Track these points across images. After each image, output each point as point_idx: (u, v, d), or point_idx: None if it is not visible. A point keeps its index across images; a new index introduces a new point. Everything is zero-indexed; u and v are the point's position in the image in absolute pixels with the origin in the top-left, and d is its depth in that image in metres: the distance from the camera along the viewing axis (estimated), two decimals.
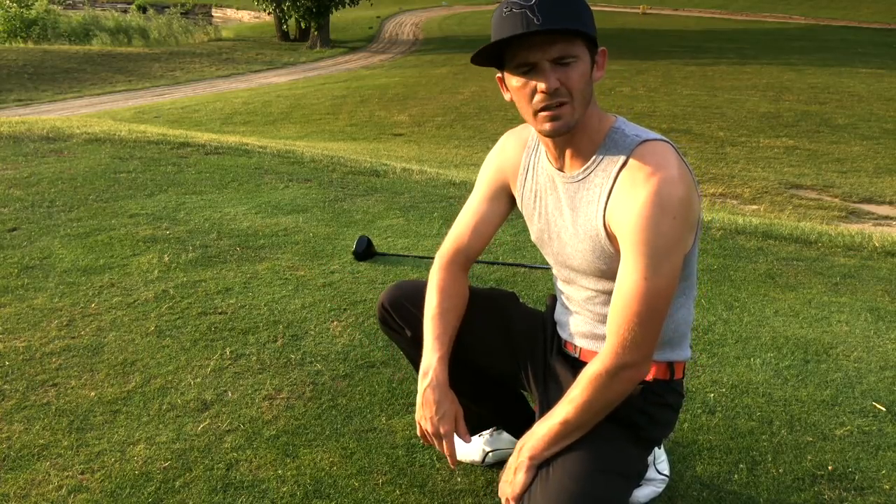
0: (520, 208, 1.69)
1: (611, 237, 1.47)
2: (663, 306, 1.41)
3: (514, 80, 1.43)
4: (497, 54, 1.43)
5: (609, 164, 1.46)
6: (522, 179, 1.65)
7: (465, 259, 1.75)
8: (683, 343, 1.62)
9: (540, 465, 1.51)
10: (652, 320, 1.40)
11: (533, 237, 1.67)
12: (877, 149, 10.62)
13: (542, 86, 1.38)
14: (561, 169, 1.54)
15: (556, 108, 1.40)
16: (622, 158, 1.44)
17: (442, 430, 1.58)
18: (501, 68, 1.46)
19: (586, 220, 1.50)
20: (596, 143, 1.48)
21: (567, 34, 1.36)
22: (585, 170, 1.50)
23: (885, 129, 11.93)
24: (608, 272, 1.51)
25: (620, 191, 1.43)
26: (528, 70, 1.39)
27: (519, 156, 1.66)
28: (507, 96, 1.49)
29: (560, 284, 1.68)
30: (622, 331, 1.41)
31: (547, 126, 1.43)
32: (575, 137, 1.47)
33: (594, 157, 1.48)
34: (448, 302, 1.68)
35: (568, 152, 1.51)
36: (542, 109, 1.41)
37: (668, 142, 1.45)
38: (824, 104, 13.85)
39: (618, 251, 1.47)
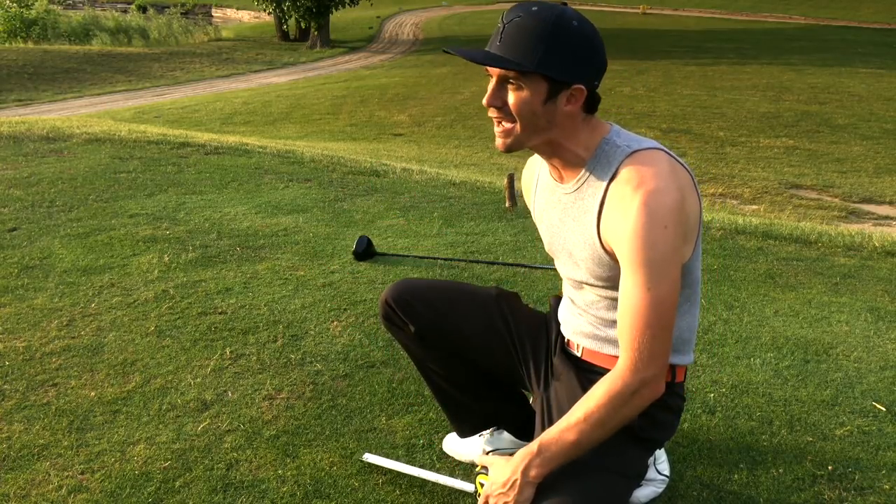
0: (534, 220, 1.72)
1: (606, 249, 1.48)
2: (670, 315, 1.40)
3: None
4: None
5: (599, 177, 1.46)
6: (533, 192, 1.69)
7: None
8: (686, 348, 1.62)
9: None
10: (663, 330, 1.39)
11: (545, 247, 1.70)
12: (877, 149, 10.62)
13: (486, 98, 1.45)
14: (559, 181, 1.56)
15: (503, 127, 1.45)
16: (611, 171, 1.44)
17: None
18: None
19: (584, 231, 1.51)
20: (585, 156, 1.48)
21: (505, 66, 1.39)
22: (577, 181, 1.51)
23: (885, 129, 11.94)
24: (610, 279, 1.51)
25: (610, 205, 1.43)
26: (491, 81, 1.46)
27: (533, 173, 1.70)
28: None
29: (567, 288, 1.69)
30: (637, 345, 1.39)
31: (497, 142, 1.49)
32: (557, 153, 1.49)
33: (584, 170, 1.49)
34: None
35: (558, 165, 1.53)
36: (495, 120, 1.47)
37: (661, 148, 1.44)
38: (824, 104, 13.85)
39: (612, 259, 1.48)
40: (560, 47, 1.37)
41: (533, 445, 1.44)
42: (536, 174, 1.68)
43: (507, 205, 4.57)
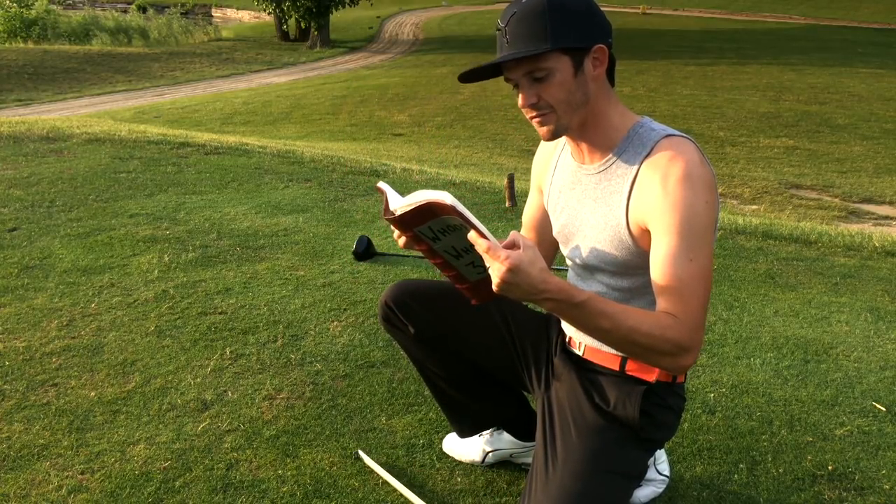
0: (545, 206, 1.71)
1: (631, 228, 1.47)
2: (710, 285, 1.41)
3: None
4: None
5: (632, 157, 1.47)
6: (550, 176, 1.68)
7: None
8: None
9: (540, 464, 1.51)
10: (708, 299, 1.40)
11: (555, 232, 1.69)
12: (877, 149, 10.62)
13: (520, 101, 1.47)
14: (582, 163, 1.57)
15: (542, 117, 1.47)
16: (646, 150, 1.46)
17: None
18: None
19: (608, 211, 1.51)
20: (616, 137, 1.50)
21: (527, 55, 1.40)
22: (606, 162, 1.51)
23: (885, 129, 11.94)
24: (623, 266, 1.51)
25: (644, 178, 1.44)
26: (515, 85, 1.47)
27: (551, 155, 1.70)
28: None
29: (573, 279, 1.69)
30: (691, 311, 1.37)
31: (540, 132, 1.50)
32: (588, 133, 1.51)
33: (615, 150, 1.50)
34: None
35: (584, 146, 1.54)
36: (532, 118, 1.48)
37: (693, 141, 1.46)
38: (824, 104, 13.85)
39: (636, 243, 1.47)
40: (564, 17, 1.40)
41: (580, 295, 1.32)
42: (556, 156, 1.68)
43: (507, 205, 4.57)
